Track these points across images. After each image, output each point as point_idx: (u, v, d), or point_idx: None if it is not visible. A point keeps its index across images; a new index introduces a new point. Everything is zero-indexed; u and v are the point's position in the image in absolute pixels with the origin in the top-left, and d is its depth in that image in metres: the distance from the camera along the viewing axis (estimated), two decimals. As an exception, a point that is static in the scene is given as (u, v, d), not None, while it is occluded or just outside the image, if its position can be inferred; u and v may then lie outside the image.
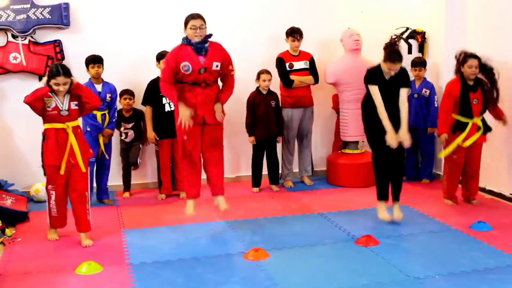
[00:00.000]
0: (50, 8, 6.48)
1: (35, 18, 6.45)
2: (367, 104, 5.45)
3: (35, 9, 6.44)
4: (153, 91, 6.30)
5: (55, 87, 4.82)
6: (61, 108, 4.87)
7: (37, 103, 4.82)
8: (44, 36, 6.59)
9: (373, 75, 5.40)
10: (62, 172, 4.92)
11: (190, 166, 5.25)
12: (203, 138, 5.18)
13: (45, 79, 4.94)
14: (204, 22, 5.02)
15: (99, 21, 6.76)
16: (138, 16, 6.87)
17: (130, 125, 6.61)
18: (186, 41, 5.01)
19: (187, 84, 5.03)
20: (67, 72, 4.83)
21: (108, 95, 6.16)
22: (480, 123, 5.80)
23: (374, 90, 5.33)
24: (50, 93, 4.83)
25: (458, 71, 5.79)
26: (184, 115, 4.95)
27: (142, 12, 6.89)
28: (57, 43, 6.58)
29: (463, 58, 5.72)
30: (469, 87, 5.74)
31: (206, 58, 4.99)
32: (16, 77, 6.56)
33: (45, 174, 5.06)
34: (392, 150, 5.34)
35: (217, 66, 5.05)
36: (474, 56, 5.68)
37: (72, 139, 4.91)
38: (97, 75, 6.12)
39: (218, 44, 5.15)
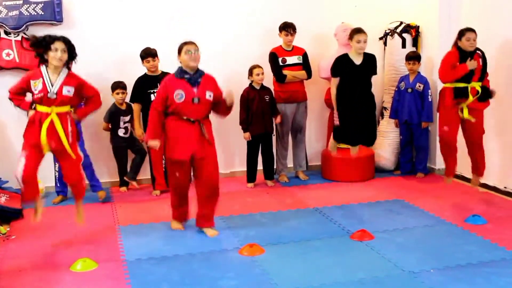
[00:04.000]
0: (42, 4, 6.44)
1: (28, 14, 6.41)
2: (338, 89, 6.01)
3: (28, 5, 6.40)
4: (141, 88, 6.30)
5: (51, 54, 4.53)
6: (49, 90, 4.57)
7: (21, 92, 4.74)
8: (37, 32, 6.42)
9: (338, 65, 5.97)
10: (45, 151, 4.65)
11: (178, 194, 5.23)
12: (198, 177, 5.10)
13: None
14: (198, 48, 4.97)
15: (92, 17, 6.72)
16: (131, 12, 6.84)
17: (127, 118, 6.59)
18: (179, 75, 4.95)
19: (179, 118, 4.93)
20: (65, 40, 4.60)
21: None
22: (478, 88, 5.63)
23: (334, 81, 6.01)
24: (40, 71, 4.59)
25: (455, 45, 5.70)
26: (152, 144, 4.98)
27: (135, 8, 6.85)
28: (50, 40, 6.54)
29: (460, 32, 5.65)
30: (466, 54, 5.60)
31: (199, 88, 4.94)
32: (9, 74, 6.50)
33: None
34: (360, 119, 5.97)
35: (210, 96, 4.98)
36: (471, 29, 5.62)
37: (56, 124, 4.60)
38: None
39: (210, 76, 5.08)
